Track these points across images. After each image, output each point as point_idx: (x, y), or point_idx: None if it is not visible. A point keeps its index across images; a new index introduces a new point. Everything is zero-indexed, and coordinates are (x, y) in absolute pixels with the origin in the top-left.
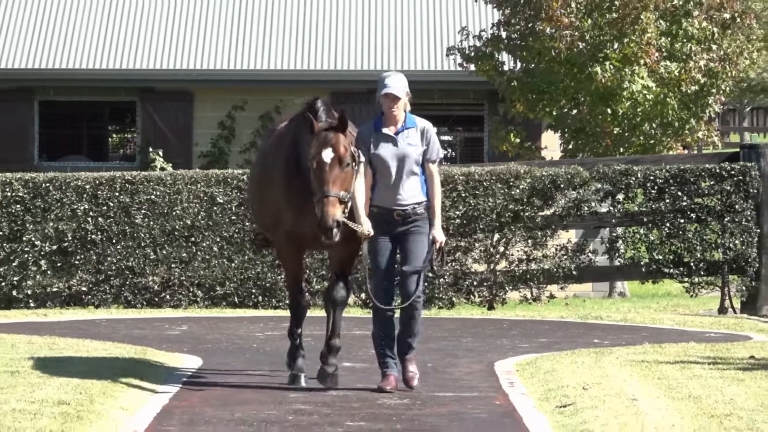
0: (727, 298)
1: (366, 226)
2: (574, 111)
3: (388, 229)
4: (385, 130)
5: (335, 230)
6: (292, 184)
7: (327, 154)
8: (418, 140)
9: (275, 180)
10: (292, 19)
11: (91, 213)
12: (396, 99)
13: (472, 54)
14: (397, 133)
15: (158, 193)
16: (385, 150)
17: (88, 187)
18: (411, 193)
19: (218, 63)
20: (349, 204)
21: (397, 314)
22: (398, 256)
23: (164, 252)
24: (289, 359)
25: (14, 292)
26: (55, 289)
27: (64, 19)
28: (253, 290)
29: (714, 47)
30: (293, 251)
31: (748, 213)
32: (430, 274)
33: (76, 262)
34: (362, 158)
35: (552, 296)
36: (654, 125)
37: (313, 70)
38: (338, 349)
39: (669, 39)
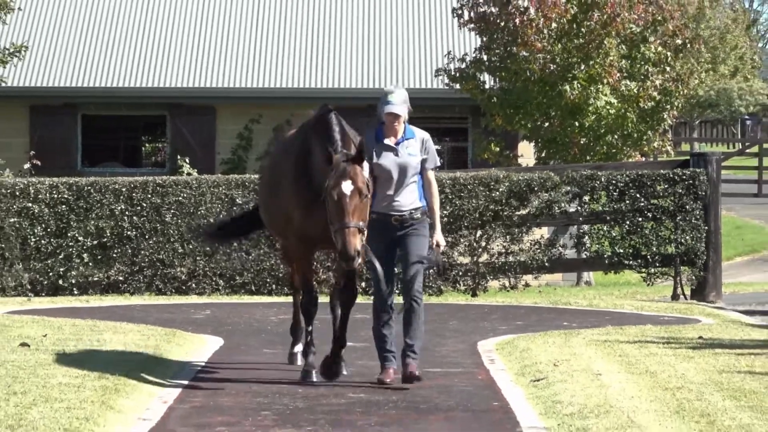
0: (679, 286)
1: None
2: (546, 124)
3: (387, 234)
4: (386, 141)
5: (357, 259)
6: (300, 187)
7: (347, 187)
8: (417, 150)
9: (284, 184)
10: (301, 42)
11: (126, 212)
12: (397, 117)
13: (457, 75)
14: (397, 144)
15: (185, 195)
16: (387, 159)
17: (124, 189)
18: (409, 199)
19: (237, 82)
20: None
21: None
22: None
23: (190, 246)
24: (291, 351)
25: (60, 281)
26: (95, 279)
27: (103, 42)
28: (268, 279)
29: (668, 69)
30: (304, 253)
31: (698, 213)
32: (430, 271)
33: (114, 255)
34: (365, 166)
35: (527, 285)
36: (616, 136)
37: (319, 88)
38: (343, 347)
39: (629, 61)
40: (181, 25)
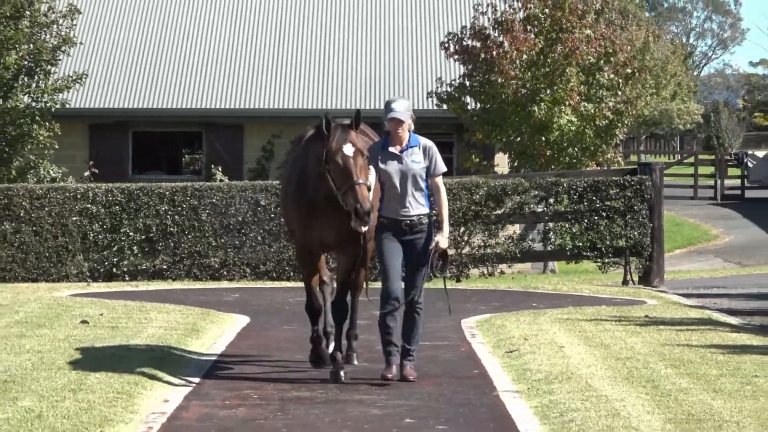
0: (628, 273)
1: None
2: (518, 138)
3: (397, 235)
4: (391, 149)
5: (371, 215)
6: (299, 196)
7: (348, 149)
8: (421, 157)
9: (287, 193)
10: (314, 69)
11: (169, 212)
12: (401, 123)
13: (445, 97)
14: (402, 152)
15: (218, 198)
16: (392, 166)
17: (167, 193)
18: (416, 205)
19: (261, 104)
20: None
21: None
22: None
23: (222, 240)
24: (312, 358)
25: (114, 270)
26: (143, 267)
27: (149, 70)
28: (287, 268)
29: (619, 93)
30: (307, 258)
31: (644, 212)
32: (432, 276)
33: (159, 247)
34: (372, 171)
35: (502, 272)
36: (576, 149)
37: (330, 109)
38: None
39: (587, 87)
40: (214, 57)
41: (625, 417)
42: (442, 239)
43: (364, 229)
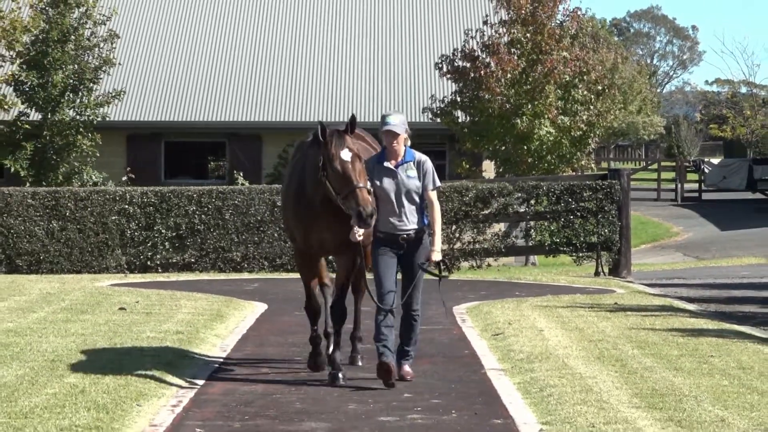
0: (600, 266)
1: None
2: (503, 147)
3: (394, 247)
4: (386, 164)
5: (373, 218)
6: (297, 201)
7: (346, 154)
8: (416, 173)
9: (289, 200)
10: (324, 85)
11: (196, 212)
12: (396, 135)
13: (438, 111)
14: (397, 166)
15: (239, 200)
16: (387, 181)
17: (195, 195)
18: (412, 219)
19: (277, 117)
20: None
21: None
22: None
23: (243, 237)
24: (310, 362)
25: (148, 263)
26: (174, 261)
27: (180, 86)
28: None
29: (592, 107)
30: (306, 262)
31: (613, 212)
32: (437, 276)
33: (187, 243)
34: (368, 184)
35: (489, 265)
36: (553, 157)
37: (336, 120)
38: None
39: (563, 102)
40: (236, 76)
41: (596, 392)
42: (436, 254)
43: (360, 238)
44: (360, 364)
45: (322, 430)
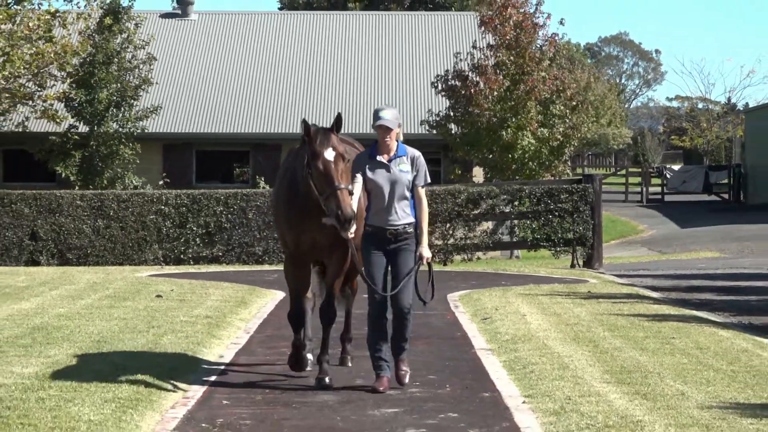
0: (575, 259)
1: (351, 229)
2: (491, 156)
3: (381, 245)
4: (379, 158)
5: (354, 221)
6: (289, 206)
7: (329, 154)
8: (408, 167)
9: (280, 201)
10: (336, 102)
11: (224, 212)
12: (389, 130)
13: (434, 124)
14: (389, 161)
15: (261, 201)
16: (379, 175)
17: (222, 197)
18: (402, 214)
19: (296, 128)
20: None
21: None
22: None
23: (264, 233)
24: (292, 362)
25: (182, 256)
26: (204, 254)
27: (210, 102)
28: None
29: (567, 121)
30: (297, 268)
31: (587, 212)
32: (421, 302)
33: (216, 239)
34: (359, 179)
35: (478, 258)
36: (534, 164)
37: (346, 133)
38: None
39: (543, 116)
40: (258, 93)
41: (572, 369)
42: (425, 249)
43: (351, 235)
44: (350, 365)
45: (333, 400)
